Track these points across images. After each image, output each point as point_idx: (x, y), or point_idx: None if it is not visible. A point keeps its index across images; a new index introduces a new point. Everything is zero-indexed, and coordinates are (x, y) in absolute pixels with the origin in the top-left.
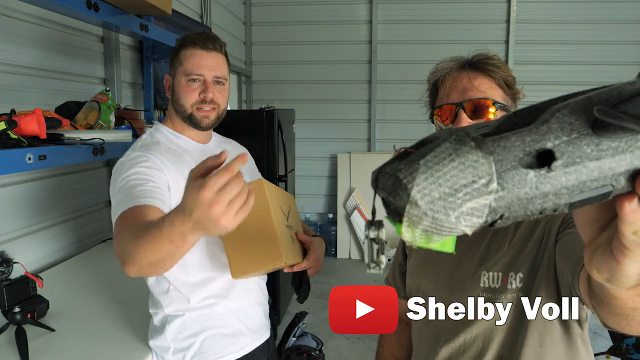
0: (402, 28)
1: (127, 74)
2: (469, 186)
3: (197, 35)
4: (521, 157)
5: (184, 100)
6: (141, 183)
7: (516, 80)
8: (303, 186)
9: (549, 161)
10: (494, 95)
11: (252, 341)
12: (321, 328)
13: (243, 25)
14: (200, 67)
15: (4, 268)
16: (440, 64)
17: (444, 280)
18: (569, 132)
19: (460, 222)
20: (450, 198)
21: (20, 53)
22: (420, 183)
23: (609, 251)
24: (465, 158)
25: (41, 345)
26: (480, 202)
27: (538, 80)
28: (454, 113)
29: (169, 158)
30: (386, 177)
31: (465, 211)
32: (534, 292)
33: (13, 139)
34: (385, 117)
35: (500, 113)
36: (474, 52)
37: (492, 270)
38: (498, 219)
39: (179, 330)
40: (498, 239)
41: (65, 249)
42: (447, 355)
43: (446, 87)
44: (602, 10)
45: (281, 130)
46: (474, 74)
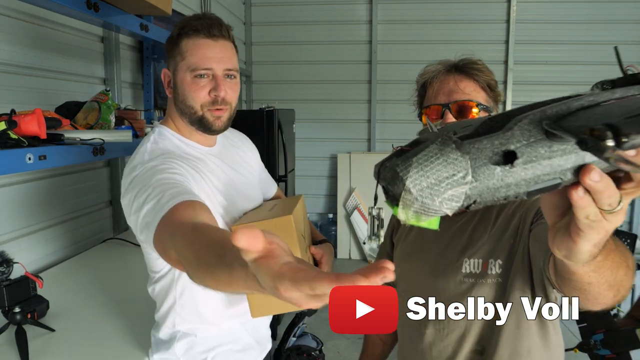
0: (402, 28)
1: (127, 74)
2: (450, 178)
3: (199, 20)
4: (490, 156)
5: (192, 101)
6: (175, 184)
7: (497, 83)
8: (303, 186)
9: (512, 159)
10: (477, 97)
11: (259, 354)
12: (321, 328)
13: (243, 25)
14: (208, 60)
15: (4, 268)
16: (429, 67)
17: (429, 266)
18: (528, 137)
19: (443, 206)
20: (436, 187)
21: (20, 53)
22: (413, 175)
23: (568, 232)
24: (447, 157)
25: (41, 346)
26: (458, 190)
27: (538, 80)
28: (441, 113)
29: (188, 168)
30: (386, 170)
31: (446, 197)
32: (512, 277)
33: (13, 139)
34: (385, 117)
35: (483, 113)
36: (460, 56)
37: (474, 257)
38: (472, 203)
39: (190, 346)
40: (479, 230)
41: (65, 249)
42: (432, 338)
43: (434, 89)
44: (602, 10)
45: (281, 130)
46: (459, 77)
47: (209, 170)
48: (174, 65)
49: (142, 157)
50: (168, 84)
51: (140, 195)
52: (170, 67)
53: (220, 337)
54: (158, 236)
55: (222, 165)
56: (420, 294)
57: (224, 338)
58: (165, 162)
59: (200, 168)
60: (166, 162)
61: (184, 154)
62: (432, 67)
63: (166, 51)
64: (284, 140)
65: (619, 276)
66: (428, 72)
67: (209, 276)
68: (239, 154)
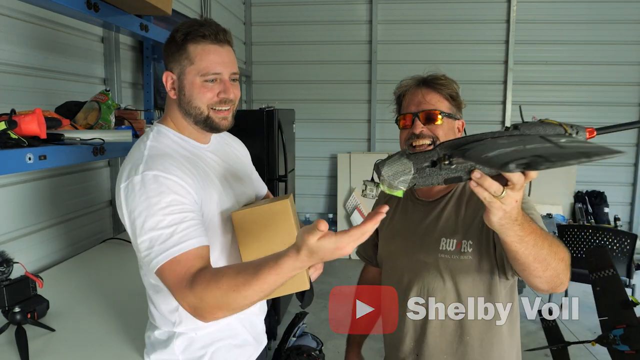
0: (402, 28)
1: (127, 74)
2: (403, 172)
3: (204, 27)
4: (426, 163)
5: (200, 102)
6: (180, 220)
7: (458, 94)
8: (303, 186)
9: (435, 165)
10: (441, 106)
11: (256, 350)
12: (321, 328)
13: (243, 25)
14: (217, 65)
15: (4, 268)
16: (404, 81)
17: (412, 245)
18: (444, 154)
19: (399, 185)
20: (396, 175)
21: (20, 53)
22: (385, 169)
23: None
24: (402, 161)
25: (41, 345)
26: (407, 178)
27: (538, 80)
28: (412, 120)
29: (188, 172)
30: (376, 167)
31: (401, 180)
32: (481, 254)
33: (13, 139)
34: (385, 117)
35: (446, 119)
36: (428, 72)
37: (450, 238)
38: (414, 185)
39: (188, 343)
40: (453, 216)
41: (65, 249)
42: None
43: (407, 100)
44: (602, 10)
45: (281, 130)
46: (426, 90)
47: (206, 164)
48: (179, 69)
49: (141, 154)
50: (172, 86)
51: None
52: (174, 70)
53: (219, 332)
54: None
55: (217, 160)
56: (404, 268)
57: (222, 333)
58: (168, 171)
59: (198, 163)
60: (169, 173)
61: (183, 151)
62: (406, 82)
63: (168, 54)
64: (284, 140)
65: (542, 253)
66: (402, 87)
67: (253, 277)
68: (233, 151)
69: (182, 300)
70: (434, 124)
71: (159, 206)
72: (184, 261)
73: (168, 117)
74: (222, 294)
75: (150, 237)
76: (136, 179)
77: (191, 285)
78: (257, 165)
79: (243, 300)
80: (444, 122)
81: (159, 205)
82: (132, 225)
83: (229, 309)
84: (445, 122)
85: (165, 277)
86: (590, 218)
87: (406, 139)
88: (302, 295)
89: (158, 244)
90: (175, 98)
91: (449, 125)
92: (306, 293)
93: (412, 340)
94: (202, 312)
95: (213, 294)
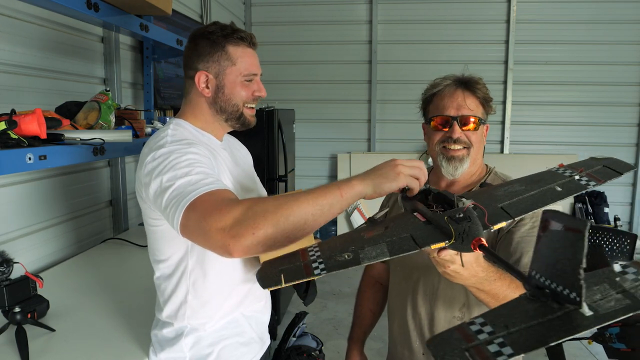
0: (402, 28)
1: (127, 74)
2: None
3: (238, 30)
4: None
5: (238, 99)
6: (208, 174)
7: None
8: (303, 186)
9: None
10: (478, 112)
11: (261, 348)
12: (321, 328)
13: (243, 25)
14: (256, 67)
15: (4, 268)
16: (439, 80)
17: None
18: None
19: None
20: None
21: (20, 53)
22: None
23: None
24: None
25: (41, 345)
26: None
27: (538, 80)
28: (450, 123)
29: (210, 155)
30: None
31: None
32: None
33: (13, 139)
34: (385, 117)
35: (480, 125)
36: (468, 74)
37: None
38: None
39: (196, 340)
40: None
41: (65, 249)
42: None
43: (444, 100)
44: (602, 10)
45: (281, 130)
46: (467, 93)
47: (222, 160)
48: (217, 69)
49: (164, 139)
50: (206, 84)
51: (177, 160)
52: (211, 70)
53: (226, 330)
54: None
55: (229, 158)
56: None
57: (230, 331)
58: (192, 145)
59: (216, 155)
60: (193, 146)
61: (202, 140)
62: (440, 81)
63: (201, 54)
64: (284, 140)
65: (499, 294)
66: (437, 85)
67: (315, 191)
68: (238, 153)
69: (222, 217)
70: (470, 130)
71: (186, 162)
72: (220, 192)
73: (188, 112)
74: (274, 201)
75: (180, 183)
76: (162, 150)
77: (237, 200)
78: (257, 165)
79: (297, 209)
80: (479, 129)
81: (187, 162)
82: (160, 184)
83: (275, 218)
84: (479, 128)
85: (200, 206)
86: (590, 218)
87: (440, 141)
88: (306, 292)
89: (191, 184)
90: (208, 96)
91: (481, 132)
92: (309, 290)
93: (418, 337)
94: (244, 226)
95: (265, 202)
